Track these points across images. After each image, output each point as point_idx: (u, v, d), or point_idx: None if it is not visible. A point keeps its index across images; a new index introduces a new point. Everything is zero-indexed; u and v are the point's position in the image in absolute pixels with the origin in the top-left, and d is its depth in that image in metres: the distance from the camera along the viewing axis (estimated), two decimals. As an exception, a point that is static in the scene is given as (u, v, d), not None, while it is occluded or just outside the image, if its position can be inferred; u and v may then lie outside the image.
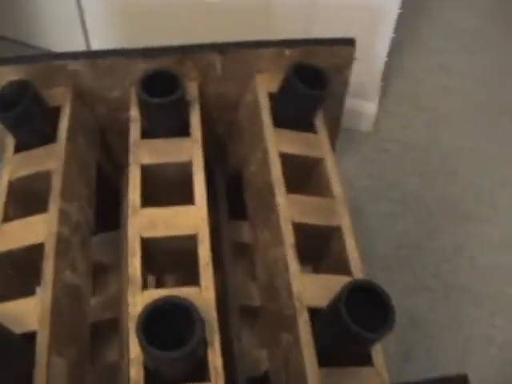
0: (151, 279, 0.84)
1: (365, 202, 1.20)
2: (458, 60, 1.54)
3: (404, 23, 1.56)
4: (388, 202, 1.21)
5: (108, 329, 0.90)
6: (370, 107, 1.33)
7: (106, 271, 0.96)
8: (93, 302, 0.86)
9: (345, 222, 0.77)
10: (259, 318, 0.86)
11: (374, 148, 1.31)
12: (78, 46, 1.43)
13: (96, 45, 1.45)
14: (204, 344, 0.63)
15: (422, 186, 1.24)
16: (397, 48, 1.47)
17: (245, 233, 0.98)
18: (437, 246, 1.16)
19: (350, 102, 1.25)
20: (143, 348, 0.58)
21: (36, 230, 0.74)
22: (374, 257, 1.10)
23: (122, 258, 0.95)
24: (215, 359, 0.63)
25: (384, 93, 1.40)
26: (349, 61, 0.90)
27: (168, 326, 0.58)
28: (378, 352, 0.66)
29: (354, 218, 1.15)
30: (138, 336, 0.57)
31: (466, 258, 1.16)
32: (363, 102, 1.31)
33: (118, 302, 0.91)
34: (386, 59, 1.23)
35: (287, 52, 0.88)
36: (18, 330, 0.64)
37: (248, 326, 0.92)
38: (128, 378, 0.80)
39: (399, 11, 1.10)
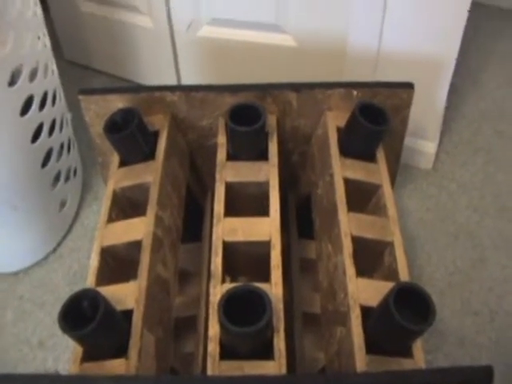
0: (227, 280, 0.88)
1: (420, 231, 1.26)
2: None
3: (468, 74, 1.63)
4: (441, 233, 1.26)
5: (187, 325, 0.98)
6: (431, 147, 1.37)
7: (187, 276, 1.04)
8: (176, 301, 0.93)
9: (397, 239, 0.83)
10: (319, 320, 0.91)
11: (432, 184, 1.36)
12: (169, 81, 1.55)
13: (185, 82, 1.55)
14: (271, 328, 0.70)
15: (474, 220, 1.28)
16: (459, 95, 1.55)
17: (311, 250, 1.03)
18: (485, 276, 1.19)
19: (412, 142, 1.33)
20: (222, 324, 0.65)
21: (136, 229, 0.84)
22: (424, 282, 1.16)
23: (203, 265, 1.04)
24: (280, 342, 0.71)
25: (444, 134, 1.46)
26: (408, 102, 0.96)
27: (242, 312, 0.66)
28: (417, 348, 0.71)
29: (410, 246, 1.22)
30: (219, 314, 0.65)
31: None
32: (425, 141, 1.36)
33: (196, 303, 0.99)
34: (447, 105, 1.28)
35: (354, 93, 0.95)
36: (119, 307, 0.74)
37: (309, 330, 0.98)
38: (202, 363, 0.91)
39: (457, 61, 1.14)
